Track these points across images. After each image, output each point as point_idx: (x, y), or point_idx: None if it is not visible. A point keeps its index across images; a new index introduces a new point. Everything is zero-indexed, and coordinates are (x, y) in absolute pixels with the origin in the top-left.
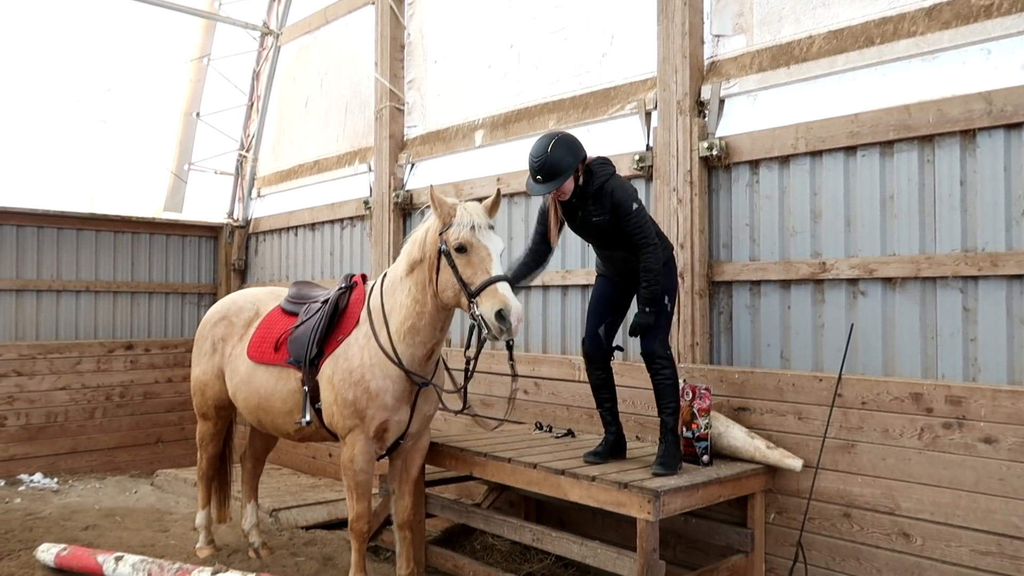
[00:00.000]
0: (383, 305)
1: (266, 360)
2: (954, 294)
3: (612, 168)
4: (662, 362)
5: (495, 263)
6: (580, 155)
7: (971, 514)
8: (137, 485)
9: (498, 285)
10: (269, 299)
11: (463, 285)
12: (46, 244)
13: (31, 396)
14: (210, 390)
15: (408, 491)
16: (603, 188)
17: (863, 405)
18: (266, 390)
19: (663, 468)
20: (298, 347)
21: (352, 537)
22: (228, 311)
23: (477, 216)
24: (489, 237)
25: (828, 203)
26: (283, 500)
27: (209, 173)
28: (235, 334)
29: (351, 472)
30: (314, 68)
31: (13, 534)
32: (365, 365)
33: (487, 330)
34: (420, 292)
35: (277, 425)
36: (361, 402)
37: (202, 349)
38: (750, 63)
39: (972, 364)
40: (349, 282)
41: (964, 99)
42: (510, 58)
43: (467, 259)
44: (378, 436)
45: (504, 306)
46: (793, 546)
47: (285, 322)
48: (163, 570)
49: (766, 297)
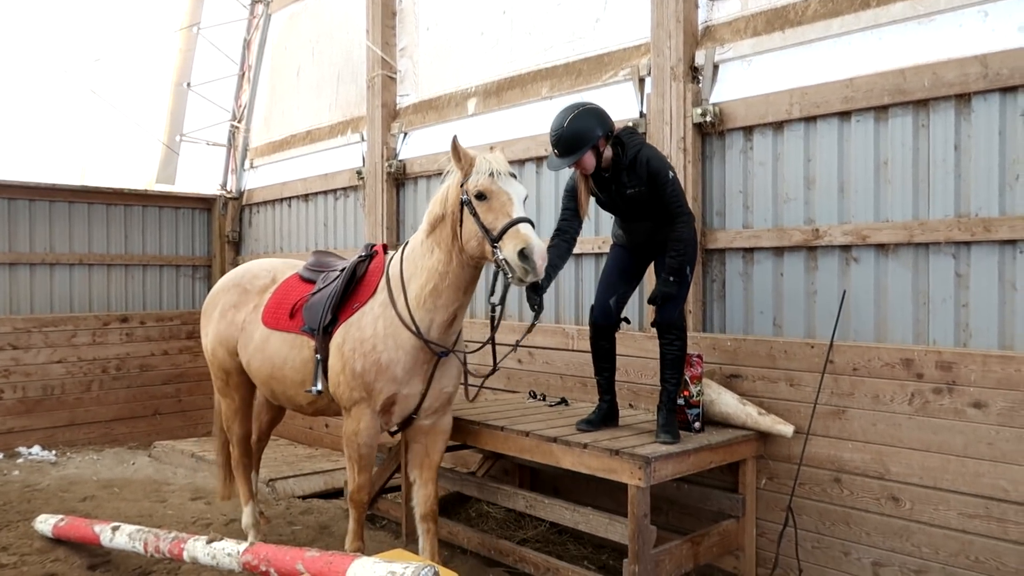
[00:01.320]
0: (402, 272)
1: (281, 327)
2: (947, 260)
3: (641, 137)
4: (676, 332)
5: (516, 206)
6: (604, 127)
7: (960, 478)
8: (135, 457)
9: (519, 226)
10: (286, 268)
11: (485, 231)
12: (38, 217)
13: (27, 369)
14: (216, 359)
15: (430, 479)
16: (637, 158)
17: (854, 371)
18: (280, 358)
19: (669, 436)
20: (313, 314)
21: (351, 507)
22: (242, 278)
23: (496, 163)
24: (510, 183)
25: (822, 169)
26: (280, 470)
27: (201, 144)
28: (249, 301)
29: (355, 445)
30: (305, 36)
31: (11, 506)
32: (378, 335)
33: (511, 273)
34: (443, 251)
35: (289, 396)
36: (370, 374)
37: (210, 316)
38: (744, 27)
39: (963, 329)
40: (369, 251)
41: (960, 62)
42: (503, 24)
43: (488, 205)
44: (385, 410)
45: (526, 244)
46: (784, 511)
47: (302, 289)
48: (159, 539)
49: (759, 264)
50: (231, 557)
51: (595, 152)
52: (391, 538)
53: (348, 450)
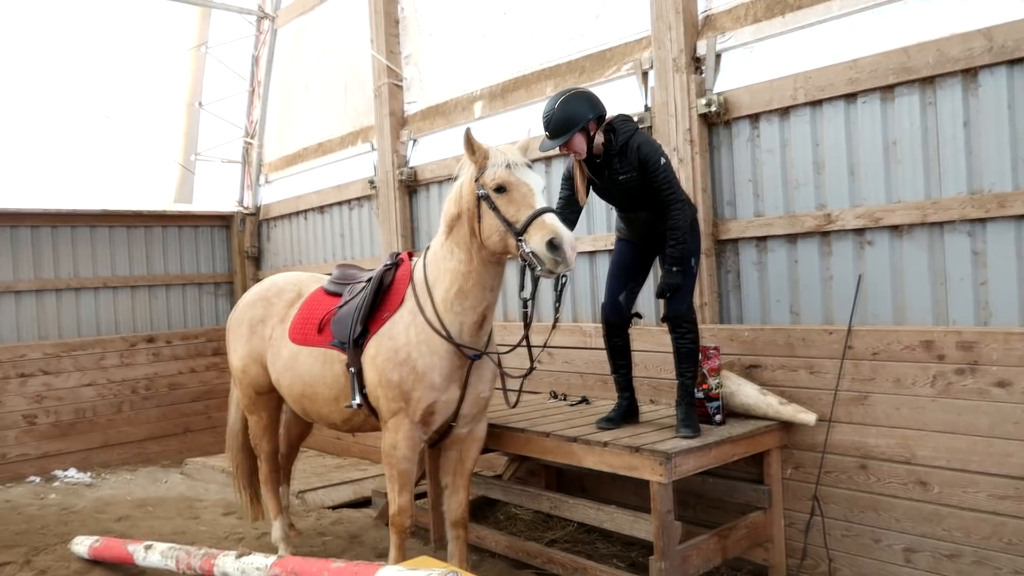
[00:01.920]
0: (426, 277)
1: (309, 342)
2: (962, 238)
3: (635, 124)
4: (687, 326)
5: (538, 197)
6: (594, 111)
7: (987, 459)
8: (167, 475)
9: (545, 216)
10: (311, 281)
11: (507, 225)
12: (61, 243)
13: (59, 394)
14: (247, 376)
15: (463, 485)
16: (628, 144)
17: (874, 356)
18: (310, 376)
19: (690, 431)
20: (342, 327)
21: (393, 533)
22: (268, 292)
23: (512, 154)
24: (527, 174)
25: (830, 153)
26: (309, 481)
27: (216, 162)
28: (275, 315)
29: (393, 460)
30: (312, 49)
31: (49, 528)
32: (411, 343)
33: (539, 265)
34: (463, 251)
35: (323, 414)
36: (407, 383)
37: (238, 333)
38: (744, 14)
39: (983, 308)
40: (395, 259)
41: (964, 37)
42: (504, 26)
43: (508, 198)
44: (424, 420)
45: (555, 234)
46: (811, 500)
47: (328, 303)
48: (190, 556)
49: (773, 253)
50: (260, 571)
51: (585, 135)
52: (420, 544)
53: (387, 467)
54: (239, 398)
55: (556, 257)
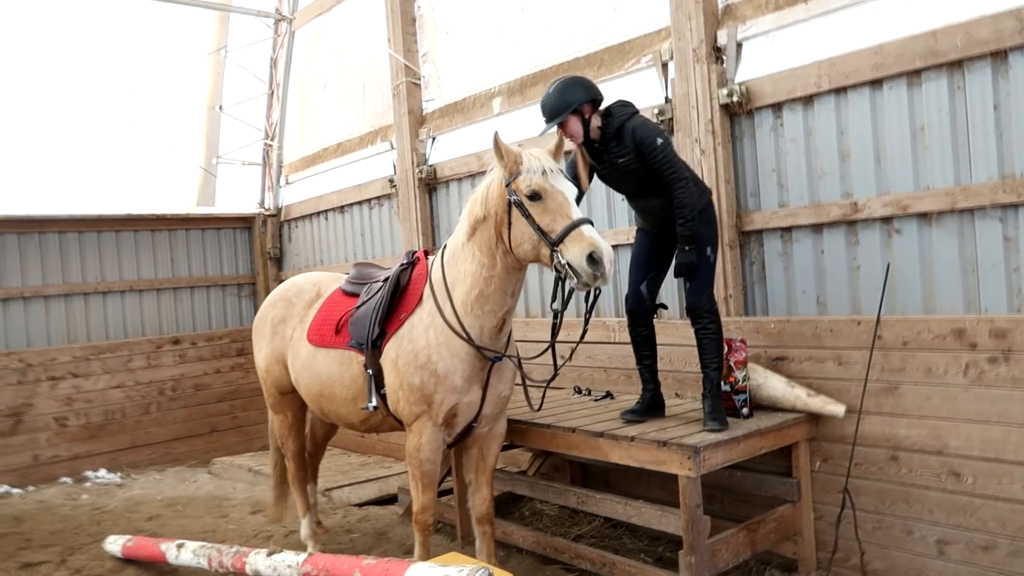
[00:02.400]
0: (445, 278)
1: (327, 343)
2: (993, 224)
3: (633, 109)
4: (709, 316)
5: (574, 207)
6: (588, 94)
7: (1023, 448)
8: (195, 474)
9: (583, 228)
10: (331, 281)
11: (542, 235)
12: (88, 248)
13: (88, 396)
14: (270, 376)
15: (486, 481)
16: (624, 127)
17: (904, 345)
18: (328, 376)
19: (716, 423)
20: (359, 328)
21: (416, 530)
22: (288, 292)
23: (547, 161)
24: (563, 181)
25: (856, 141)
26: (335, 479)
27: (237, 165)
28: (296, 315)
29: (417, 462)
30: (329, 50)
31: (82, 528)
32: (431, 345)
33: (576, 278)
34: (486, 255)
35: (340, 415)
36: (428, 386)
37: (262, 333)
38: (766, 2)
39: (1016, 295)
40: (411, 258)
41: (994, 18)
42: (522, 21)
43: (543, 206)
44: (447, 422)
45: (595, 248)
46: (840, 493)
47: (346, 303)
48: (222, 554)
49: (798, 243)
50: (291, 568)
51: (580, 119)
52: (447, 541)
53: (411, 468)
54: (265, 398)
55: (595, 272)
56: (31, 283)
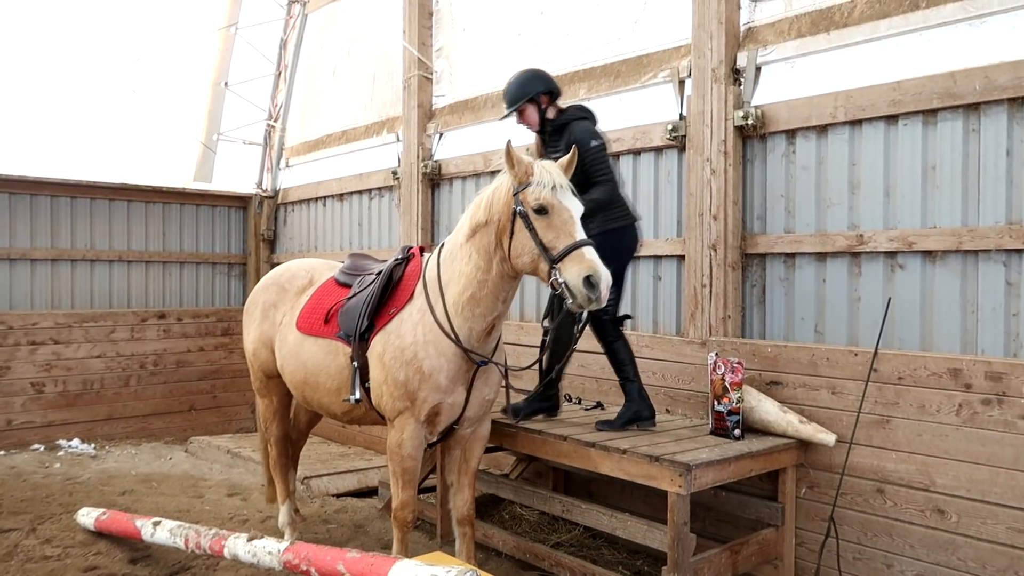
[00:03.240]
0: (439, 276)
1: (315, 332)
2: (997, 267)
3: (586, 113)
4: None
5: (578, 226)
6: (545, 85)
7: (1009, 491)
8: (171, 451)
9: (584, 249)
10: (325, 269)
11: (544, 250)
12: (79, 214)
13: (68, 364)
14: (257, 360)
15: (468, 483)
16: (568, 126)
17: (899, 380)
18: (313, 364)
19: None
20: (348, 320)
21: (395, 526)
22: (281, 277)
23: (558, 176)
24: (570, 198)
25: (867, 173)
26: (314, 468)
27: (238, 143)
28: (287, 301)
29: (398, 458)
30: (341, 36)
31: (54, 498)
32: (419, 342)
33: (571, 298)
34: (483, 258)
35: (323, 404)
36: (413, 383)
37: (252, 316)
38: (788, 29)
39: (1014, 339)
40: (405, 253)
41: (1013, 65)
42: (540, 25)
43: (548, 222)
44: (429, 420)
45: (593, 272)
46: (824, 521)
47: (338, 293)
48: (200, 535)
49: (800, 270)
50: (272, 556)
51: (537, 108)
52: (426, 539)
53: (392, 464)
54: (252, 381)
55: (591, 295)
56: (18, 245)
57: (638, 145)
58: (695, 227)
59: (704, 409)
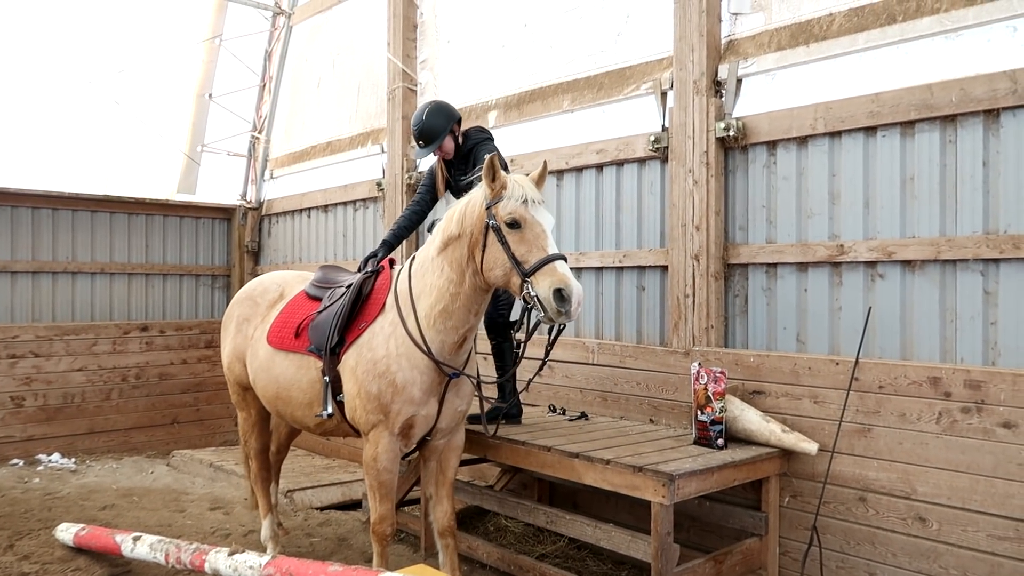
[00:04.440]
0: (411, 289)
1: (286, 347)
2: (975, 277)
3: (487, 136)
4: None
5: (550, 240)
6: (453, 118)
7: (989, 499)
8: (153, 465)
9: (556, 264)
10: (296, 282)
11: (516, 264)
12: (61, 226)
13: (48, 377)
14: (232, 373)
15: (446, 495)
16: (473, 151)
17: (880, 389)
18: (285, 379)
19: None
20: (319, 334)
21: (374, 540)
22: (254, 291)
23: (531, 190)
24: (542, 212)
25: (847, 184)
26: (298, 481)
27: (222, 155)
28: (258, 315)
29: (374, 471)
30: (326, 49)
31: (33, 513)
32: (391, 355)
33: (543, 311)
34: (456, 271)
35: (296, 417)
36: (386, 396)
37: (227, 330)
38: (768, 41)
39: (992, 348)
40: (375, 267)
41: (989, 78)
42: (524, 38)
43: (520, 235)
44: (404, 433)
45: (564, 285)
46: (807, 529)
47: (308, 307)
48: (180, 550)
49: (782, 280)
50: (253, 570)
51: (452, 136)
52: (410, 551)
53: (368, 478)
54: (230, 394)
55: (561, 308)
56: None
57: (621, 156)
58: (678, 237)
59: (688, 419)
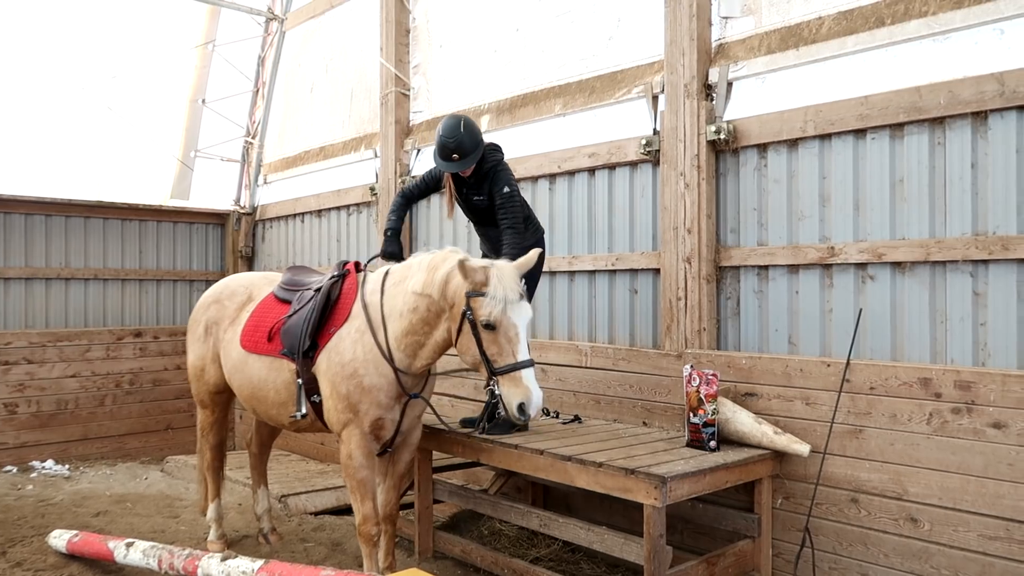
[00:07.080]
0: (383, 304)
1: (259, 350)
2: (964, 278)
3: (501, 155)
4: None
5: (522, 345)
6: (482, 144)
7: (980, 499)
8: (147, 471)
9: (523, 373)
10: (263, 283)
11: (486, 361)
12: (54, 232)
13: (41, 384)
14: (207, 375)
15: (393, 485)
16: (488, 172)
17: (871, 390)
18: (259, 380)
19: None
20: (291, 338)
21: (361, 542)
22: (221, 294)
23: (510, 290)
24: (519, 312)
25: (837, 187)
26: (292, 486)
27: (215, 160)
28: (227, 317)
29: (351, 469)
30: (319, 54)
31: (26, 520)
32: (358, 359)
33: (503, 411)
34: (429, 323)
35: (271, 415)
36: (355, 396)
37: (196, 333)
38: (758, 45)
39: (982, 349)
40: (341, 270)
41: (976, 80)
42: (516, 42)
43: (493, 337)
44: (374, 432)
45: (527, 400)
46: (800, 531)
47: (278, 310)
48: (173, 556)
49: (774, 282)
50: (245, 574)
51: None
52: (404, 555)
53: (347, 478)
54: (194, 391)
55: (521, 417)
56: None
57: (613, 160)
58: (670, 240)
59: (681, 421)
